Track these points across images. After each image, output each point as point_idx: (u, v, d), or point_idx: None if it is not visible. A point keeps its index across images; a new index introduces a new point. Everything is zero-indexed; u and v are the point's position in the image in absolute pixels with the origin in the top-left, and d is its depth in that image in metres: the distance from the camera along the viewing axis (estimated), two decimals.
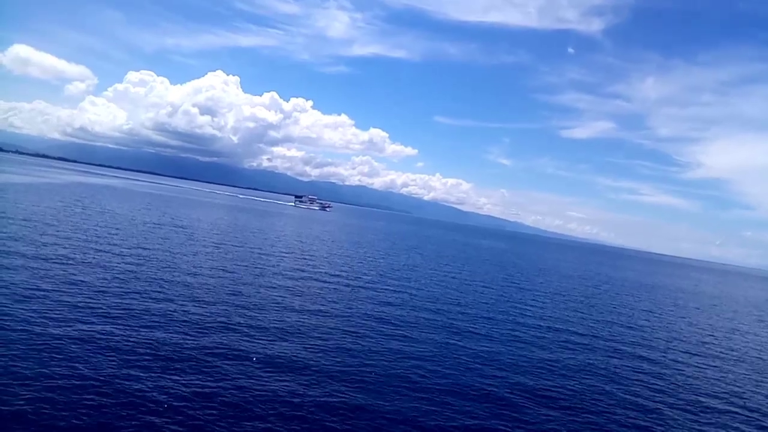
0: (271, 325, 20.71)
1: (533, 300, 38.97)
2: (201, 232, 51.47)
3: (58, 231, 35.78)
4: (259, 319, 21.23)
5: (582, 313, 36.15)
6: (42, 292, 19.82)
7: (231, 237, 51.91)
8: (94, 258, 28.57)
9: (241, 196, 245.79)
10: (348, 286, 32.86)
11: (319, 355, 17.81)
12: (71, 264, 25.98)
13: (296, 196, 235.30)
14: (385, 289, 33.49)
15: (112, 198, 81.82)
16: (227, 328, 19.34)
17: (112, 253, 30.89)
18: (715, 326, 40.30)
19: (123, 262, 28.71)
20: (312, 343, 19.10)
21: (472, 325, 26.19)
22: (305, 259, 43.53)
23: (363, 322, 23.57)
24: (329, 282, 33.37)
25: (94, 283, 22.91)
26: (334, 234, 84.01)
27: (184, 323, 19.04)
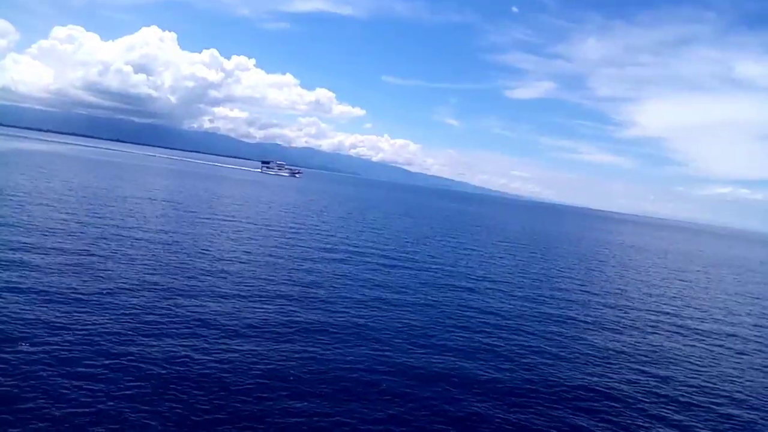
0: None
1: (462, 254, 43.37)
2: (184, 205, 50.76)
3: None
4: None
5: (525, 268, 40.84)
6: None
7: (220, 211, 51.17)
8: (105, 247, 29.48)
9: (190, 161, 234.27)
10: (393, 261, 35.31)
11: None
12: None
13: (263, 162, 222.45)
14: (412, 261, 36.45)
15: (71, 168, 78.58)
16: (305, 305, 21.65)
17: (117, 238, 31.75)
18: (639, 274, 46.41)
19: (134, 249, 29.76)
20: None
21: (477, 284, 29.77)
22: (320, 234, 44.36)
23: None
24: (371, 258, 34.75)
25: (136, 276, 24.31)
26: (323, 203, 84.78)
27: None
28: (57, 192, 45.42)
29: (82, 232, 29.19)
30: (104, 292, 18.89)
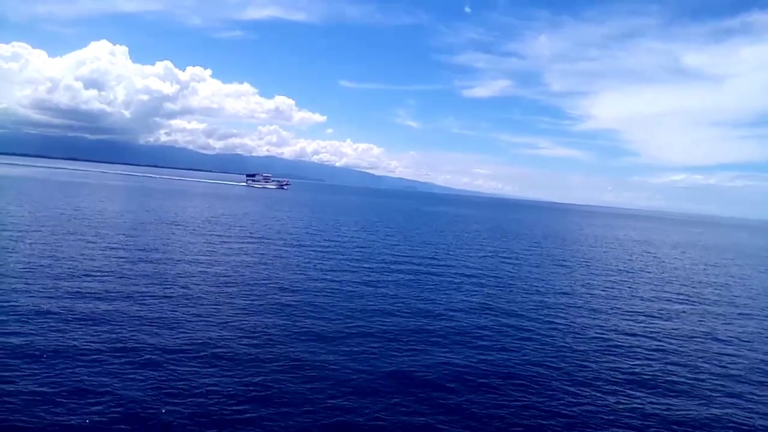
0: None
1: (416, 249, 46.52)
2: (191, 228, 49.88)
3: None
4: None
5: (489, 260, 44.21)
6: None
7: (231, 230, 50.70)
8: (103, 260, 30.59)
9: (160, 177, 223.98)
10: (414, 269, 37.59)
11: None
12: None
13: (248, 175, 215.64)
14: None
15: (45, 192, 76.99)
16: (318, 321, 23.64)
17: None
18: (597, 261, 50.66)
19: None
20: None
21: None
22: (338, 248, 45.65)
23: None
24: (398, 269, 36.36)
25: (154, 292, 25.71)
26: (332, 216, 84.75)
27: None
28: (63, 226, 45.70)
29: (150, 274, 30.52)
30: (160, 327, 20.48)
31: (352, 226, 66.19)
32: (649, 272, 45.42)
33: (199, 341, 17.38)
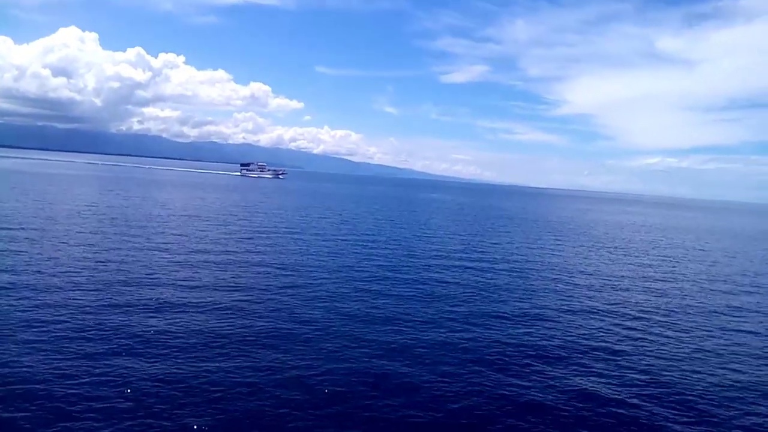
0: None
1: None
2: (205, 221, 48.83)
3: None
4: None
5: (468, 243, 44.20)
6: None
7: (240, 219, 49.77)
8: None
9: (141, 167, 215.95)
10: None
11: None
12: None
13: (242, 165, 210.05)
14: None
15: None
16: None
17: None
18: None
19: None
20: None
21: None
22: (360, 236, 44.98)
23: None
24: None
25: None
26: (340, 204, 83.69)
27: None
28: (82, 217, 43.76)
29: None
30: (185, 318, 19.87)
31: (375, 216, 65.75)
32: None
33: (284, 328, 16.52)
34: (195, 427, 11.58)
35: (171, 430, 11.42)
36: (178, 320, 18.27)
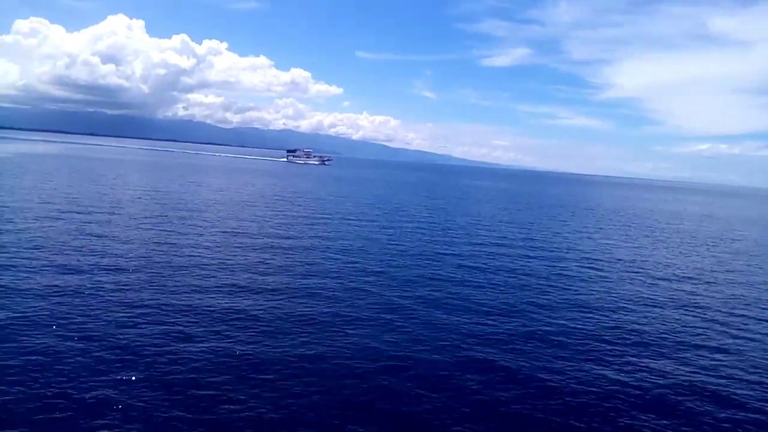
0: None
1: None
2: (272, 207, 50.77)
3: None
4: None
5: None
6: None
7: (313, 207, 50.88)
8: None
9: (193, 153, 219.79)
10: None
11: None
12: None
13: (288, 151, 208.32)
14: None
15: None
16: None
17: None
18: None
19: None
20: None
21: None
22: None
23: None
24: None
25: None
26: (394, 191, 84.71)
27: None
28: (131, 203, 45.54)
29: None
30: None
31: (425, 204, 65.94)
32: None
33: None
34: (294, 409, 11.75)
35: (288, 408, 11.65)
36: (267, 303, 18.67)
